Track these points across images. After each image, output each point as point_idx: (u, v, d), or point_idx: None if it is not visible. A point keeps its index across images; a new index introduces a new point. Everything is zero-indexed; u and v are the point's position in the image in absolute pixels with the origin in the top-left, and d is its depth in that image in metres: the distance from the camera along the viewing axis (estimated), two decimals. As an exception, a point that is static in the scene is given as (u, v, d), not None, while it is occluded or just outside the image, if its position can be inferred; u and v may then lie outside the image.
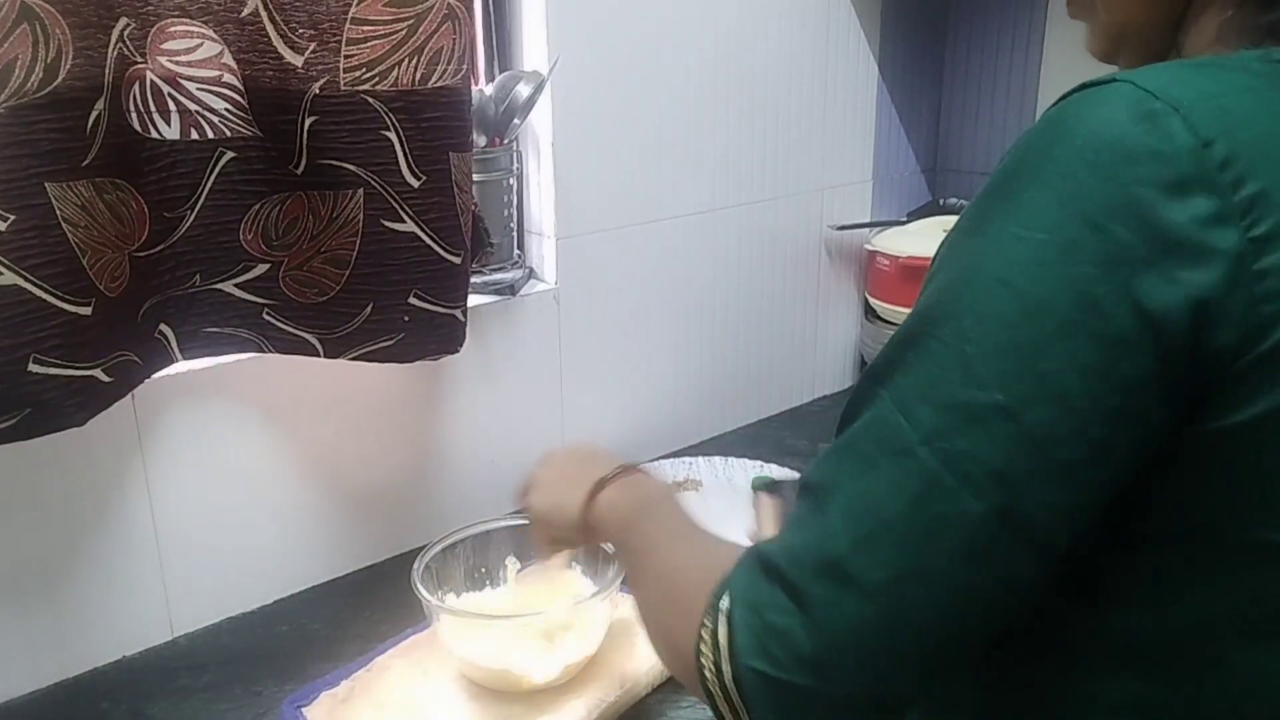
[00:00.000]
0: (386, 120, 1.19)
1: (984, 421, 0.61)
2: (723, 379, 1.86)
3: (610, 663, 1.22)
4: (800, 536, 0.67)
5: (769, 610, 0.65)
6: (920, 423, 0.62)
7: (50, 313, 1.03)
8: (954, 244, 0.67)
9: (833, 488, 0.66)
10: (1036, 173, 0.62)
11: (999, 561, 0.62)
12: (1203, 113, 0.59)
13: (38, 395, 1.04)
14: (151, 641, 1.31)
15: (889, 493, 0.63)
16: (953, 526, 0.61)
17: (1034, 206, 0.61)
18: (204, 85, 1.15)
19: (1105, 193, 0.59)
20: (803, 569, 0.65)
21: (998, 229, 0.63)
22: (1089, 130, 0.61)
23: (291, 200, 1.21)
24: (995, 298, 0.61)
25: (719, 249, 1.79)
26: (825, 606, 0.63)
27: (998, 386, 0.60)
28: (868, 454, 0.65)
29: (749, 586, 0.68)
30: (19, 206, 0.99)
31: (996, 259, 0.62)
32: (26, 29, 0.96)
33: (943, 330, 0.63)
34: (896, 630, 0.63)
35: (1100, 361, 0.59)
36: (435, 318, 1.30)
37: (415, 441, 1.50)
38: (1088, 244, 0.59)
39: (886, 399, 0.65)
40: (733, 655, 0.66)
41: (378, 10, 1.15)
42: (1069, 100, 0.64)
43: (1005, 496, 0.60)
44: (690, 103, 1.67)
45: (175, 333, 1.23)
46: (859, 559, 0.63)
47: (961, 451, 0.61)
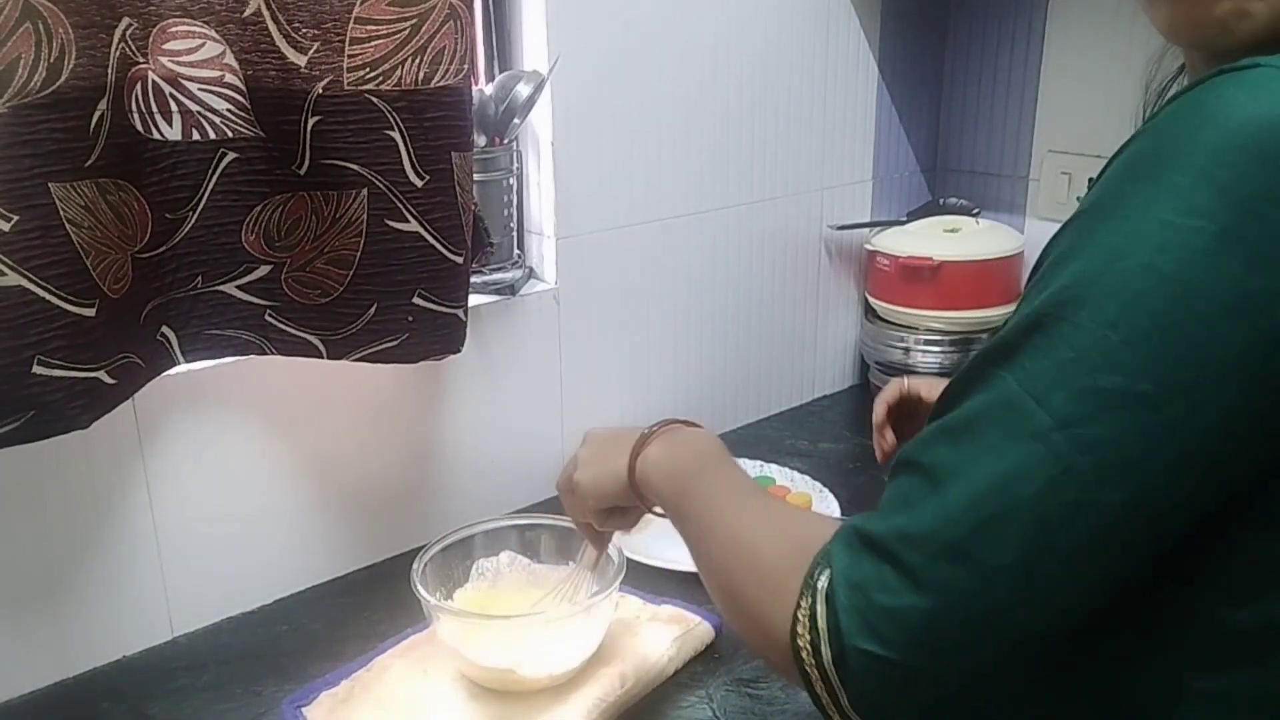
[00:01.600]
0: (390, 120, 1.18)
1: (1124, 409, 0.59)
2: (722, 379, 1.86)
3: (610, 662, 1.22)
4: (913, 517, 0.65)
5: (877, 591, 0.64)
6: (1054, 407, 0.61)
7: (54, 314, 1.03)
8: (1085, 228, 0.64)
9: (952, 469, 0.64)
10: (1183, 157, 0.60)
11: (1127, 551, 0.62)
12: None
13: (42, 397, 1.04)
14: (151, 641, 1.30)
15: (1019, 477, 0.61)
16: (1085, 515, 0.60)
17: (1184, 191, 0.59)
18: (205, 86, 1.15)
19: (1266, 176, 0.57)
20: (919, 549, 0.63)
21: (1141, 213, 0.60)
22: (1242, 114, 0.58)
23: (294, 201, 1.21)
24: (1140, 284, 0.59)
25: (719, 249, 1.79)
26: (945, 587, 0.62)
27: (1140, 374, 0.59)
28: (992, 437, 0.63)
29: (852, 566, 0.66)
30: (22, 207, 0.99)
31: (1142, 244, 0.59)
32: (29, 28, 0.96)
33: (1079, 315, 0.61)
34: (1016, 616, 0.62)
35: (1250, 356, 0.57)
36: (439, 318, 1.30)
37: (415, 441, 1.50)
38: (1249, 233, 0.57)
39: (1011, 381, 0.63)
40: (836, 636, 0.65)
41: (381, 9, 1.15)
42: (1208, 84, 0.61)
43: (1139, 488, 0.60)
44: (690, 103, 1.67)
45: (177, 335, 1.23)
46: (984, 543, 0.62)
47: (1099, 439, 0.59)
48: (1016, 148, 1.95)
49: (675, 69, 1.63)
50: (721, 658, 1.25)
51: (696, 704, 1.19)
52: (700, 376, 1.83)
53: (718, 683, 1.22)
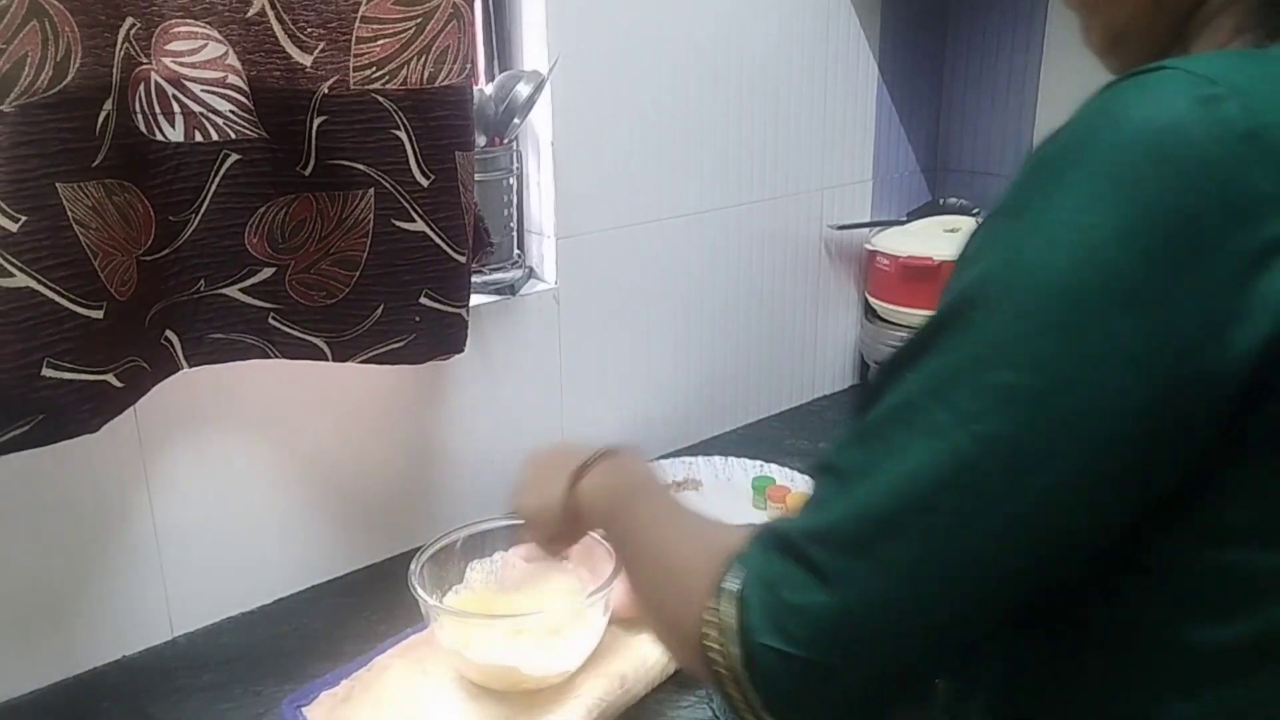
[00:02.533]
0: (397, 119, 1.18)
1: (1020, 405, 0.59)
2: (723, 379, 1.86)
3: (610, 662, 1.22)
4: (823, 515, 0.66)
5: (785, 588, 0.65)
6: (954, 405, 0.61)
7: (64, 316, 1.02)
8: (991, 230, 0.65)
9: (860, 470, 0.65)
10: (1084, 159, 0.60)
11: (1027, 545, 0.62)
12: (1260, 96, 0.58)
13: (52, 401, 1.04)
14: (151, 641, 1.30)
15: (921, 474, 0.62)
16: (985, 509, 0.61)
17: (1083, 192, 0.59)
18: (208, 87, 1.14)
19: (1164, 178, 0.57)
20: (826, 545, 0.64)
21: (1039, 214, 0.61)
22: (1143, 116, 0.59)
23: (299, 202, 1.21)
24: (1039, 280, 0.60)
25: (719, 249, 1.79)
26: (850, 582, 0.63)
27: (1036, 369, 0.59)
28: (897, 437, 0.64)
29: (764, 565, 0.67)
30: (30, 207, 0.98)
31: (1041, 244, 0.60)
32: (35, 26, 0.96)
33: (979, 314, 0.62)
34: (922, 608, 0.63)
35: (1144, 351, 0.58)
36: (444, 317, 1.30)
37: (415, 441, 1.50)
38: (1144, 231, 0.57)
39: (915, 382, 0.64)
40: (743, 634, 0.66)
41: (386, 9, 1.14)
42: (1116, 88, 0.62)
43: (1038, 481, 0.60)
44: (690, 102, 1.67)
45: (181, 339, 1.22)
46: (889, 538, 0.62)
47: (996, 434, 0.60)
48: (1016, 148, 1.95)
49: (675, 69, 1.63)
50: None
51: (696, 704, 1.19)
52: (700, 376, 1.83)
53: (718, 683, 1.22)
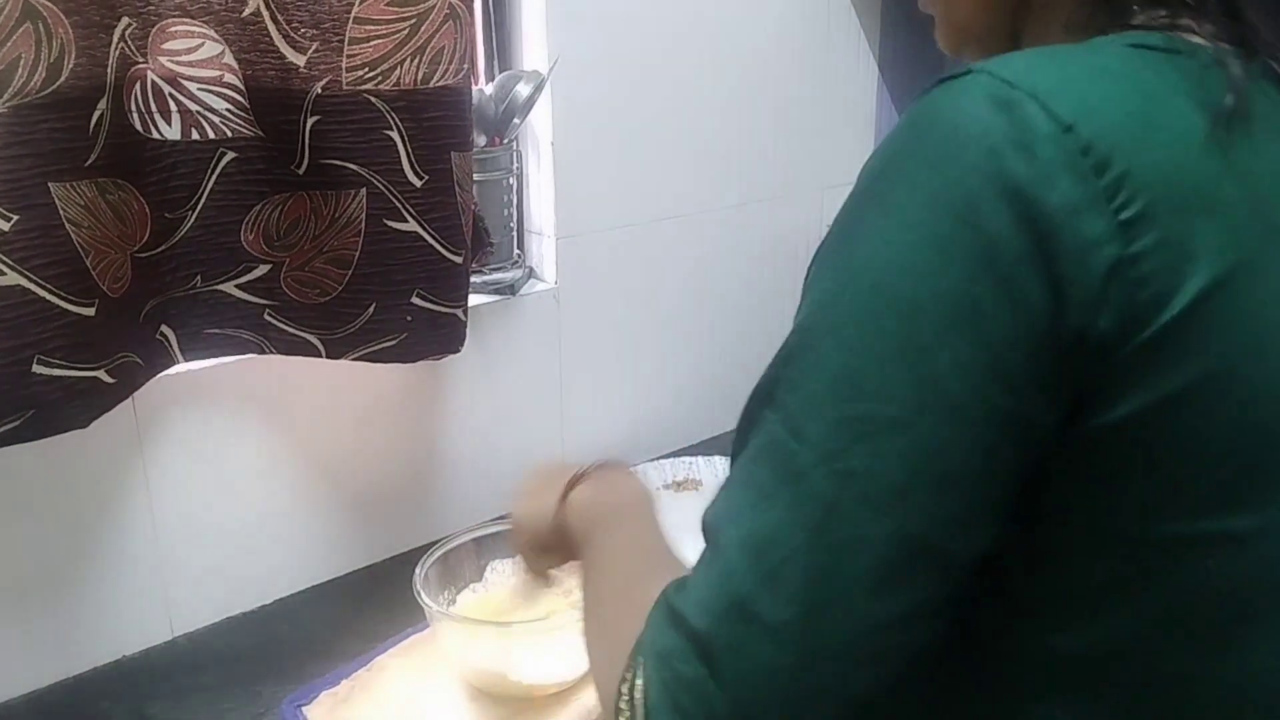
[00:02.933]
0: (389, 120, 1.18)
1: (875, 436, 0.58)
2: (722, 378, 1.85)
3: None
4: (703, 580, 0.63)
5: (677, 659, 0.61)
6: (811, 443, 0.59)
7: (54, 313, 1.03)
8: (828, 252, 0.64)
9: (728, 524, 0.62)
10: (901, 172, 0.60)
11: (907, 584, 0.59)
12: (1061, 98, 0.58)
13: (42, 397, 1.04)
14: (151, 641, 1.30)
15: (788, 523, 0.59)
16: (856, 552, 0.58)
17: (902, 207, 0.59)
18: (205, 85, 1.15)
19: (971, 186, 0.57)
20: (706, 614, 0.61)
21: (867, 233, 0.61)
22: (949, 124, 0.59)
23: (293, 200, 1.21)
24: (872, 305, 0.59)
25: (719, 249, 1.78)
26: (733, 652, 0.59)
27: (885, 398, 0.58)
28: (762, 484, 0.62)
29: (659, 635, 0.64)
30: (22, 207, 0.98)
31: (870, 264, 0.60)
32: (29, 28, 0.96)
33: (824, 343, 0.61)
34: (810, 670, 0.59)
35: (984, 362, 0.57)
36: (438, 317, 1.30)
37: (415, 441, 1.50)
38: (959, 241, 0.57)
39: (774, 421, 0.62)
40: (645, 712, 0.62)
41: (380, 10, 1.15)
42: (928, 96, 0.62)
43: (905, 514, 0.58)
44: (690, 102, 1.67)
45: (176, 334, 1.23)
46: (764, 598, 0.59)
47: (856, 470, 0.58)
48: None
49: (675, 69, 1.63)
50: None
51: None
52: (700, 376, 1.82)
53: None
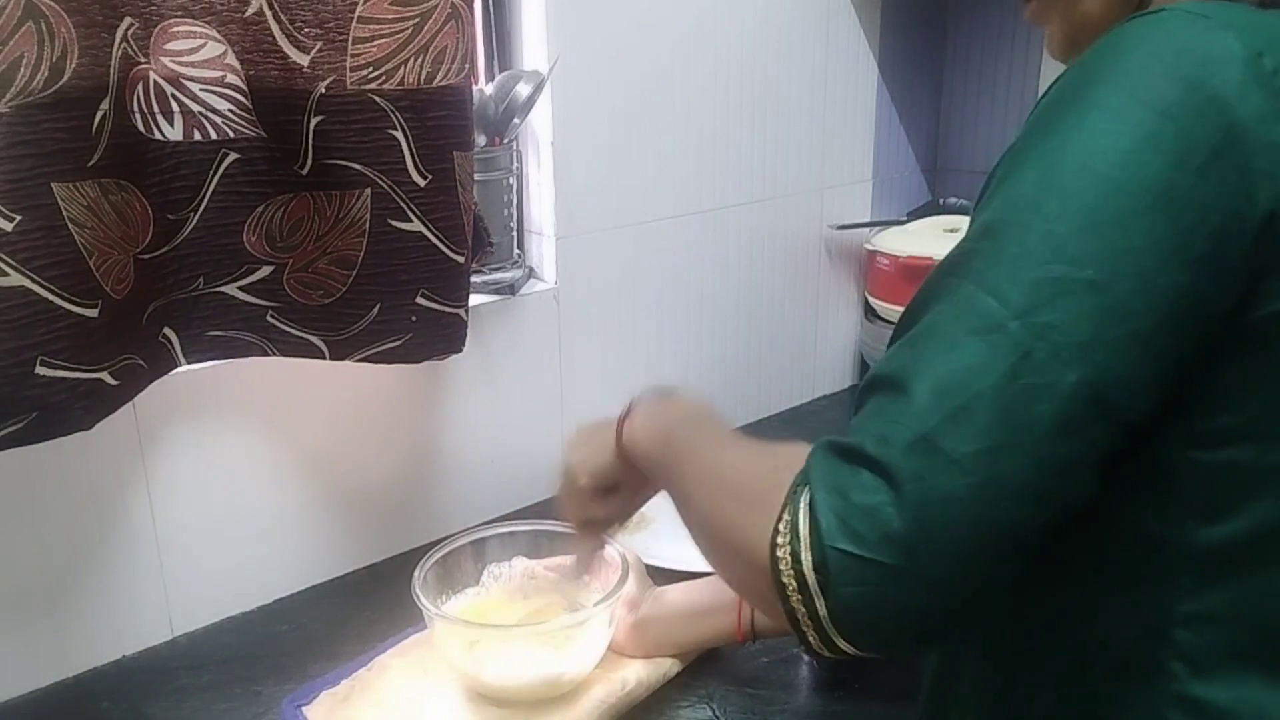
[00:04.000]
0: (393, 119, 1.18)
1: (1073, 295, 0.63)
2: (722, 379, 1.86)
3: (612, 665, 1.21)
4: (882, 420, 0.67)
5: (854, 490, 0.65)
6: (1009, 300, 0.65)
7: (57, 315, 1.02)
8: (1024, 148, 0.70)
9: (915, 370, 0.67)
10: (1106, 77, 0.67)
11: (1086, 434, 0.64)
12: (1248, 30, 0.66)
13: (45, 399, 1.04)
14: (151, 641, 1.30)
15: (980, 367, 0.64)
16: (1045, 398, 0.63)
17: (1109, 105, 0.66)
18: (207, 86, 1.15)
19: (1177, 90, 0.65)
20: (891, 447, 0.65)
21: (1072, 126, 0.67)
22: (1154, 40, 0.67)
23: (296, 201, 1.21)
24: (1079, 182, 0.65)
25: (719, 249, 1.79)
26: (917, 480, 0.63)
27: (1086, 262, 0.64)
28: (952, 335, 0.66)
29: (829, 472, 0.67)
30: (25, 207, 0.98)
31: (1076, 150, 0.66)
32: (31, 27, 0.96)
33: (1026, 216, 0.66)
34: (988, 504, 0.63)
35: (1176, 240, 0.64)
36: (442, 317, 1.30)
37: (415, 441, 1.50)
38: (1164, 134, 0.64)
39: (968, 285, 0.67)
40: (814, 539, 0.66)
41: (383, 9, 1.15)
42: (1123, 25, 0.69)
43: (1092, 367, 0.63)
44: (690, 102, 1.67)
45: (179, 336, 1.22)
46: (952, 433, 0.63)
47: (1052, 324, 0.63)
48: (1016, 148, 1.95)
49: (675, 69, 1.63)
50: (721, 658, 1.24)
51: (696, 704, 1.19)
52: (700, 376, 1.83)
53: (718, 683, 1.22)
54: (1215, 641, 0.72)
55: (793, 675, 1.23)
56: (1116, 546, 0.74)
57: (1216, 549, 0.71)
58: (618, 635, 1.21)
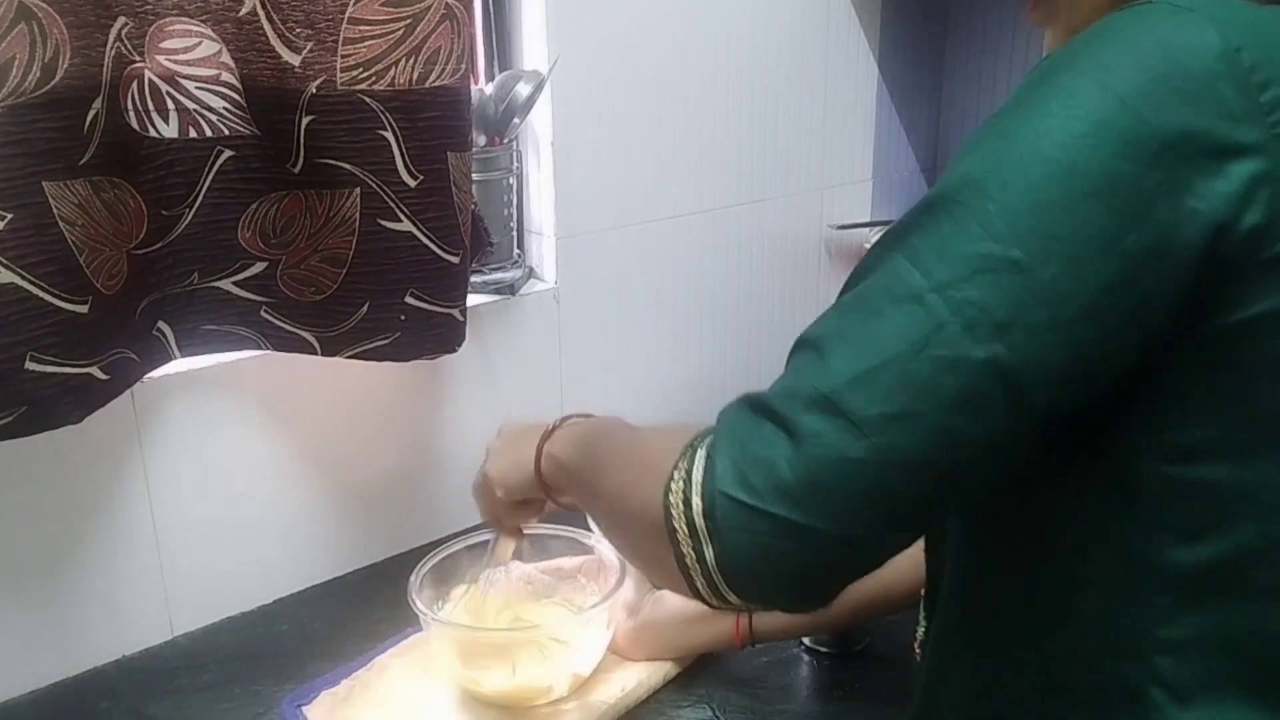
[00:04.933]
0: (383, 120, 1.19)
1: (996, 273, 0.63)
2: (722, 378, 1.86)
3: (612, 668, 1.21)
4: (795, 378, 0.67)
5: (753, 441, 0.66)
6: (931, 273, 0.64)
7: (47, 311, 1.03)
8: (985, 129, 0.69)
9: (835, 335, 0.67)
10: (1073, 64, 0.66)
11: (989, 413, 0.63)
12: (1232, 24, 0.64)
13: (34, 393, 1.04)
14: (151, 641, 1.31)
15: (893, 334, 0.64)
16: (951, 371, 0.63)
17: (1070, 90, 0.65)
18: (202, 84, 1.15)
19: (1143, 80, 0.63)
20: (794, 401, 0.65)
21: (1031, 109, 0.66)
22: (1132, 30, 0.66)
23: (289, 199, 1.22)
24: (1024, 163, 0.64)
25: (719, 249, 1.79)
26: (813, 437, 0.64)
27: (1014, 242, 0.63)
28: (874, 304, 0.67)
29: (736, 424, 0.68)
30: (16, 205, 0.99)
31: (1029, 132, 0.65)
32: (24, 29, 0.96)
33: (965, 194, 0.66)
34: (881, 469, 0.63)
35: (1114, 231, 0.62)
36: (432, 317, 1.30)
37: (415, 441, 1.50)
38: (1120, 123, 0.63)
39: (899, 257, 0.67)
40: (706, 485, 0.67)
41: (375, 10, 1.15)
42: (1107, 17, 0.68)
43: (1004, 347, 0.62)
44: (690, 102, 1.67)
45: (173, 330, 1.23)
46: (855, 394, 0.64)
47: (970, 300, 0.63)
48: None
49: (675, 69, 1.63)
50: (721, 658, 1.24)
51: (696, 704, 1.19)
52: (700, 376, 1.83)
53: (717, 683, 1.22)
54: (1195, 667, 0.71)
55: (792, 676, 1.23)
56: (1094, 565, 0.73)
57: (1195, 571, 0.69)
58: (618, 639, 1.22)
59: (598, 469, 0.89)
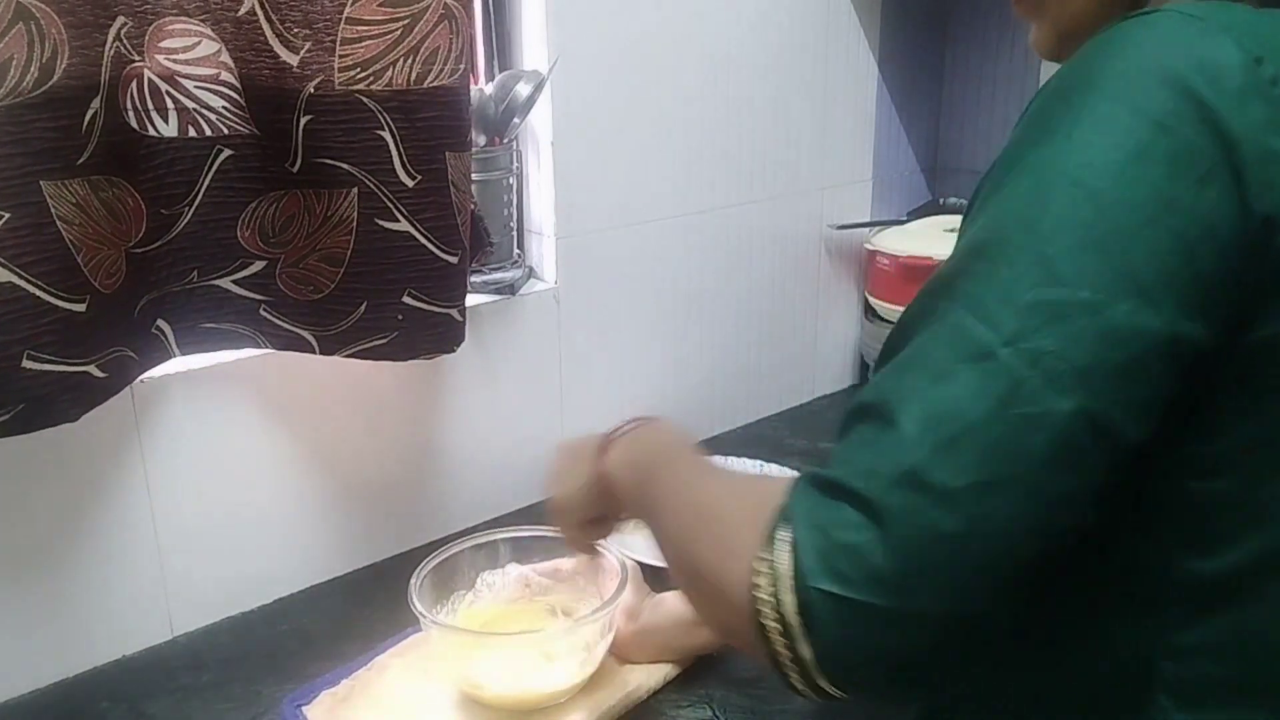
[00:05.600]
0: (381, 120, 1.19)
1: (1068, 319, 0.61)
2: (722, 379, 1.86)
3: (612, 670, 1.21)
4: (868, 452, 0.64)
5: (837, 528, 0.62)
6: (1000, 325, 0.62)
7: (44, 310, 1.03)
8: (1013, 160, 0.67)
9: (903, 400, 0.64)
10: (1098, 85, 0.64)
11: (1084, 464, 0.61)
12: (1249, 34, 0.64)
13: (31, 391, 1.05)
14: (151, 641, 1.31)
15: (971, 397, 0.61)
16: (1039, 428, 0.60)
17: (1101, 115, 0.63)
18: (202, 83, 1.15)
19: (1173, 99, 0.62)
20: (876, 480, 0.62)
21: (1063, 136, 0.64)
22: (1148, 44, 0.64)
23: (288, 198, 1.22)
24: (1072, 199, 0.62)
25: (719, 249, 1.79)
26: (904, 517, 0.60)
27: (1080, 284, 0.61)
28: (941, 363, 0.64)
29: (812, 509, 0.64)
30: (13, 205, 0.99)
31: (1067, 162, 0.63)
32: (22, 29, 0.97)
33: (1017, 235, 0.63)
34: (980, 540, 0.60)
35: (1178, 255, 0.61)
36: (430, 317, 1.30)
37: (415, 440, 1.50)
38: (1159, 145, 0.62)
39: (956, 309, 0.64)
40: (797, 580, 0.62)
41: (372, 10, 1.15)
42: (1115, 27, 0.67)
43: (1090, 394, 0.60)
44: (690, 102, 1.67)
45: (173, 328, 1.23)
46: (941, 466, 0.60)
47: (1046, 350, 0.60)
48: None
49: (675, 69, 1.63)
50: (722, 658, 1.24)
51: (696, 704, 1.19)
52: (700, 376, 1.83)
53: (718, 682, 1.22)
54: (1203, 675, 0.70)
55: (792, 674, 1.23)
56: (1106, 576, 0.71)
57: (1208, 581, 0.68)
58: (619, 643, 1.21)
59: (659, 507, 0.86)
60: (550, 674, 1.15)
